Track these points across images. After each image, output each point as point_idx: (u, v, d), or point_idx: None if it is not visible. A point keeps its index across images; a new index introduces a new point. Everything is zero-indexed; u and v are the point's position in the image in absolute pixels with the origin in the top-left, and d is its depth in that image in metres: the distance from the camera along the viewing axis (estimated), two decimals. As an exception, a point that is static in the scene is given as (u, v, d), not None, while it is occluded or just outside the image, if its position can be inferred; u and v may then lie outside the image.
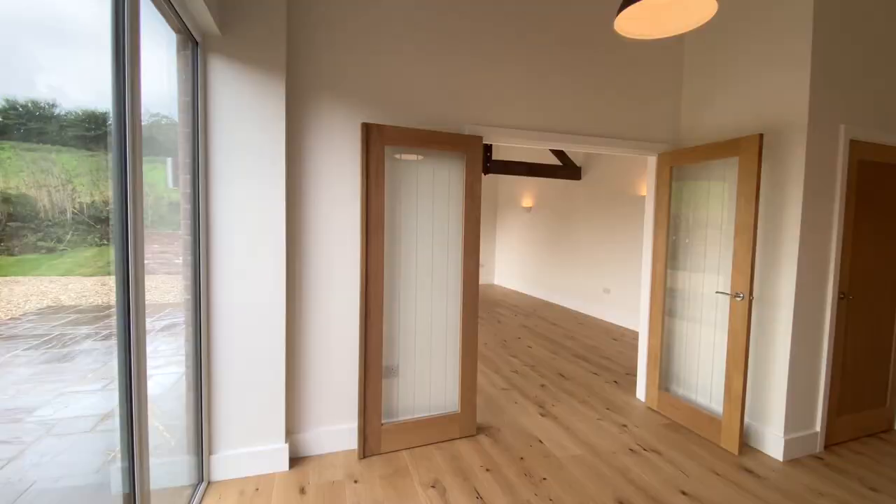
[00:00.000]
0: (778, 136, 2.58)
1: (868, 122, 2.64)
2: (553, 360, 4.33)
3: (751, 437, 2.71)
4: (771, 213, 2.62)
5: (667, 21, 1.43)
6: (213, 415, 2.19)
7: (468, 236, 2.61)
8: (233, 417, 2.22)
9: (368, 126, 2.31)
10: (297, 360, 2.41)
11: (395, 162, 2.48)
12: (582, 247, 6.89)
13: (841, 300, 2.65)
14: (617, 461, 2.49)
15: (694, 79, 3.15)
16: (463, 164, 2.59)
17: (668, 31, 1.45)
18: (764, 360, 2.66)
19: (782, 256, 2.56)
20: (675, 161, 3.05)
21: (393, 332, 2.54)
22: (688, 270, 3.07)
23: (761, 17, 2.67)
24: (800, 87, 2.47)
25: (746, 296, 2.51)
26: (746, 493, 2.21)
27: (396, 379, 2.57)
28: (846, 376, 2.74)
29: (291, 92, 2.29)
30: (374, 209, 2.36)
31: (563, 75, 2.87)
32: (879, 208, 2.75)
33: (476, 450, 2.57)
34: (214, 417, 2.20)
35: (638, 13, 1.41)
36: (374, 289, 2.40)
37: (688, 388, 3.06)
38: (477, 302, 2.67)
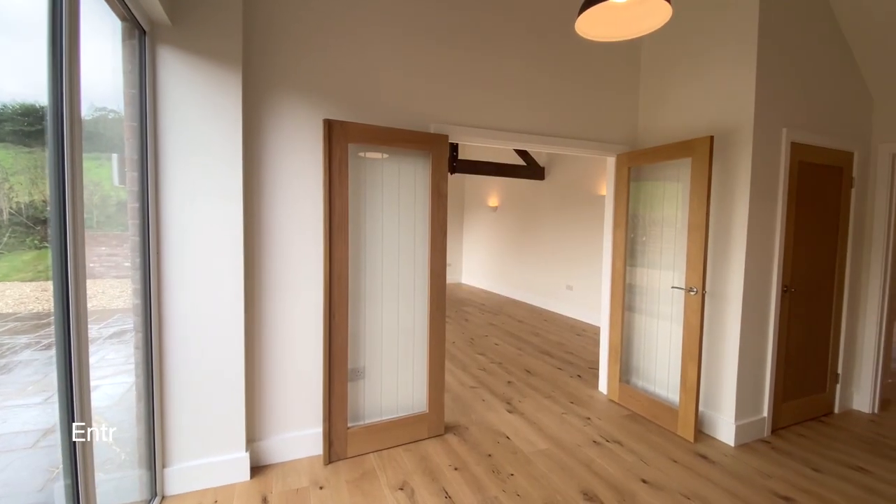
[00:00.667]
0: (727, 138, 2.72)
1: (806, 126, 2.83)
2: (519, 357, 4.40)
3: (705, 424, 2.85)
4: (721, 211, 2.77)
5: (625, 24, 1.47)
6: (167, 425, 2.08)
7: (435, 235, 2.60)
8: (188, 427, 2.11)
9: (331, 123, 2.26)
10: (257, 365, 2.32)
11: (359, 160, 2.44)
12: (546, 245, 7.04)
13: (784, 293, 2.84)
14: (581, 454, 2.56)
15: (650, 82, 3.28)
16: (429, 163, 2.58)
17: (626, 34, 1.50)
18: (716, 351, 2.80)
19: (732, 253, 2.71)
20: (633, 162, 3.17)
21: (359, 333, 2.50)
22: (645, 267, 3.19)
23: (711, 26, 2.82)
24: (746, 93, 2.61)
25: (699, 290, 2.64)
26: (701, 478, 2.32)
27: (363, 381, 2.52)
28: (790, 364, 2.93)
29: (249, 86, 2.20)
30: (337, 208, 2.30)
31: (526, 77, 2.91)
32: (815, 207, 2.95)
33: (444, 449, 2.57)
34: (168, 428, 2.08)
35: (598, 15, 1.45)
36: (339, 290, 2.34)
37: (647, 380, 3.18)
38: (444, 301, 2.66)
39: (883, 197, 3.12)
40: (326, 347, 2.33)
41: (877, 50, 2.93)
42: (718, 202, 2.78)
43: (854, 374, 3.27)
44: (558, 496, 2.15)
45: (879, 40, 2.88)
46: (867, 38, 2.91)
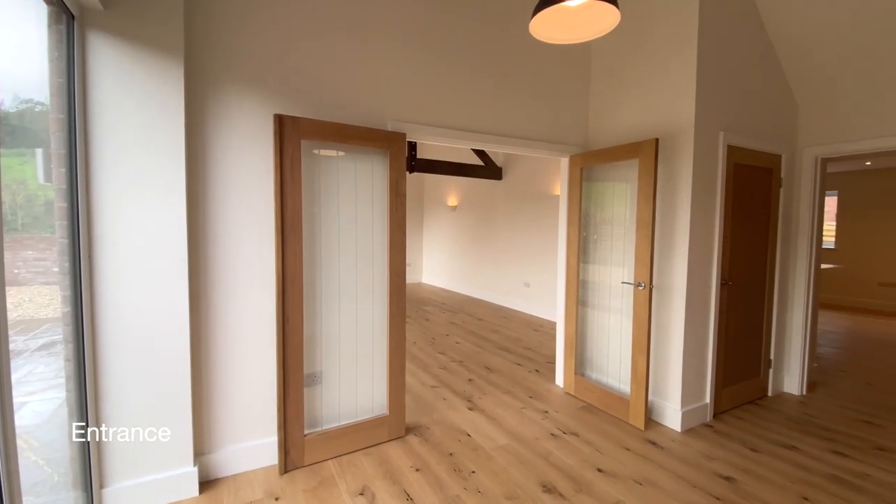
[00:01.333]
0: (671, 140, 2.87)
1: (740, 130, 3.04)
2: (479, 354, 4.44)
3: (654, 412, 3.00)
4: (666, 210, 2.92)
5: (576, 27, 1.51)
6: (104, 443, 1.92)
7: (394, 235, 2.57)
8: (127, 444, 1.96)
9: (282, 118, 2.17)
10: (205, 374, 2.20)
11: (313, 157, 2.37)
12: (504, 243, 7.16)
13: (723, 286, 3.04)
14: (540, 447, 2.62)
15: (600, 85, 3.41)
16: (387, 161, 2.55)
17: (577, 37, 1.54)
18: (663, 342, 2.95)
19: (676, 249, 2.86)
20: (585, 162, 3.28)
21: (315, 337, 2.42)
22: (597, 264, 3.32)
23: (656, 35, 2.96)
24: (687, 99, 2.77)
25: (647, 285, 2.77)
26: (652, 464, 2.44)
27: (319, 386, 2.45)
28: (728, 353, 3.14)
29: (193, 77, 2.08)
30: (290, 207, 2.22)
31: (483, 77, 2.94)
32: (749, 205, 3.18)
33: (405, 451, 2.55)
34: (105, 445, 1.93)
35: (551, 18, 1.48)
36: (293, 292, 2.26)
37: (600, 372, 3.31)
38: (404, 301, 2.64)
39: (807, 196, 3.41)
40: (280, 353, 2.25)
41: (800, 62, 3.20)
42: (663, 201, 2.93)
43: (784, 360, 3.55)
44: (518, 490, 2.19)
45: (803, 54, 3.14)
46: (792, 52, 3.16)
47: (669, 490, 2.20)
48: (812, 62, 3.16)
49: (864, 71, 3.01)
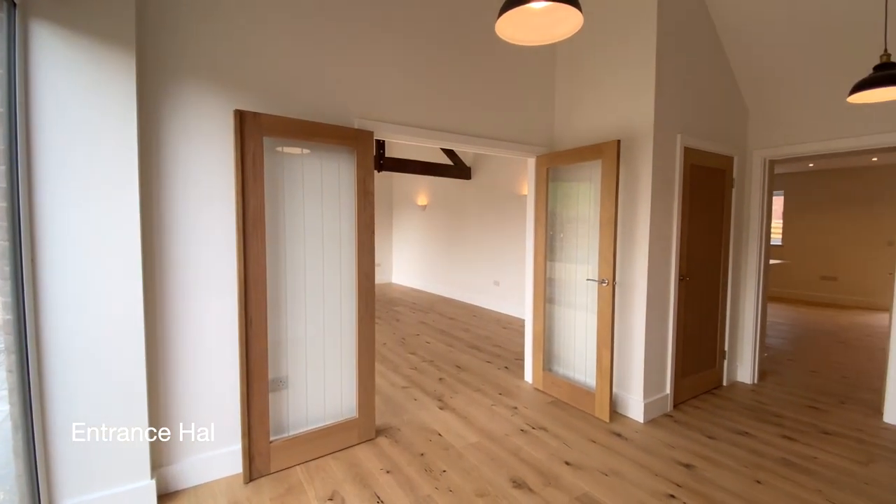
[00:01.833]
0: (632, 142, 2.98)
1: (696, 133, 3.18)
2: (450, 353, 4.45)
3: (618, 404, 3.10)
4: (628, 209, 3.02)
5: (541, 29, 1.54)
6: (52, 457, 1.80)
7: (362, 234, 2.54)
8: (79, 457, 1.85)
9: (242, 114, 2.11)
10: (163, 382, 2.10)
11: (276, 155, 2.30)
12: (474, 243, 7.21)
13: (681, 281, 3.17)
14: (510, 443, 2.65)
15: (564, 87, 3.49)
16: (354, 160, 2.51)
17: (542, 39, 1.57)
18: (626, 336, 3.06)
19: (637, 246, 2.97)
20: (551, 163, 3.35)
21: (280, 340, 2.36)
22: (564, 261, 3.40)
23: (617, 40, 3.06)
24: (647, 103, 2.88)
25: (610, 281, 2.86)
26: (616, 455, 2.52)
27: (286, 391, 2.39)
28: (686, 344, 3.29)
29: (147, 72, 1.98)
30: (252, 206, 2.16)
31: (452, 77, 2.95)
32: (704, 204, 3.34)
33: (376, 453, 2.52)
34: (54, 460, 1.80)
35: (516, 19, 1.50)
36: (256, 294, 2.20)
37: (567, 367, 3.39)
38: (373, 302, 2.61)
39: (756, 196, 3.62)
40: (243, 357, 2.18)
41: (750, 69, 3.39)
42: (625, 201, 3.03)
43: (738, 351, 3.75)
44: (489, 487, 2.21)
45: (752, 62, 3.32)
46: (743, 59, 3.35)
47: (633, 479, 2.28)
48: (760, 69, 3.35)
49: (805, 79, 3.22)
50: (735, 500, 2.11)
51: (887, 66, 1.97)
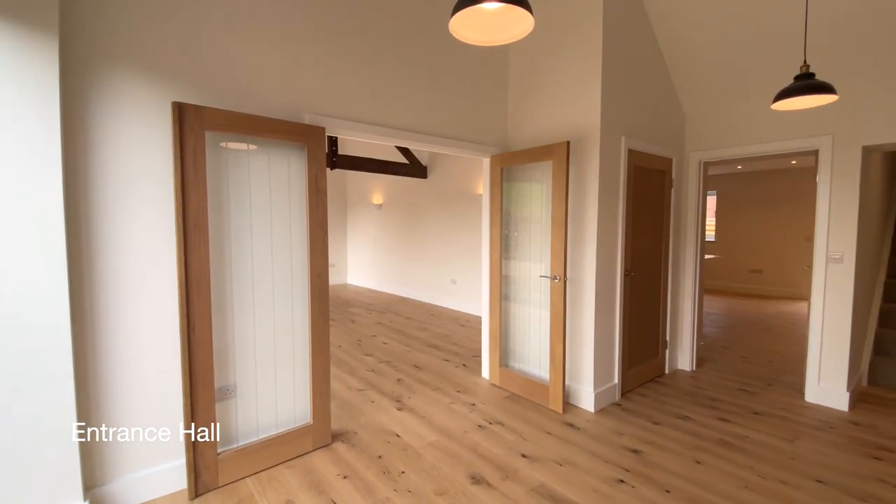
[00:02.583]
0: (580, 144, 3.09)
1: (639, 136, 3.35)
2: (408, 353, 4.42)
3: (571, 395, 3.21)
4: (577, 208, 3.13)
5: (493, 30, 1.56)
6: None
7: (314, 234, 2.45)
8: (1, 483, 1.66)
9: (182, 106, 1.97)
10: (95, 395, 1.93)
11: (220, 151, 2.18)
12: (431, 241, 7.21)
13: (626, 276, 3.34)
14: (468, 439, 2.67)
15: (517, 88, 3.56)
16: (304, 156, 2.42)
17: (495, 39, 1.59)
18: (577, 329, 3.17)
19: (586, 243, 3.09)
20: (504, 163, 3.41)
21: (226, 346, 2.24)
22: (518, 259, 3.47)
23: (566, 45, 3.16)
24: (594, 106, 2.99)
25: (562, 278, 2.96)
26: (570, 444, 2.61)
27: (234, 400, 2.27)
28: (632, 336, 3.46)
29: (73, 59, 1.80)
30: (193, 205, 2.02)
31: (407, 75, 2.92)
32: (646, 203, 3.53)
33: (332, 459, 2.46)
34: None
35: (469, 18, 1.50)
36: (199, 299, 2.07)
37: (522, 362, 3.47)
38: (327, 304, 2.54)
39: (693, 195, 3.87)
40: (186, 366, 2.04)
41: (686, 77, 3.61)
42: (575, 200, 3.14)
43: (678, 340, 4.00)
44: (448, 484, 2.22)
45: (687, 69, 3.55)
46: (679, 67, 3.56)
47: (586, 467, 2.37)
48: (695, 78, 3.59)
49: (734, 87, 3.48)
50: (678, 481, 2.25)
51: (806, 77, 2.17)
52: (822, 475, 2.31)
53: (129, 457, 2.02)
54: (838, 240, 3.13)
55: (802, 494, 2.14)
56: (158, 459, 2.09)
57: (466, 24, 1.52)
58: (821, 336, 3.22)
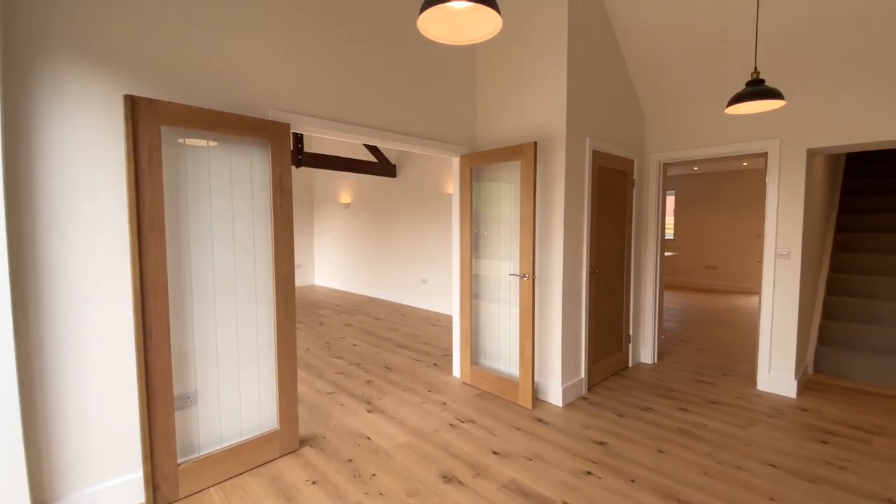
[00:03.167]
0: (548, 144, 3.14)
1: (602, 137, 3.45)
2: (378, 354, 4.38)
3: (540, 391, 3.27)
4: (544, 207, 3.19)
5: (461, 29, 1.56)
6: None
7: (279, 234, 2.38)
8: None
9: (135, 100, 1.87)
10: (42, 408, 1.80)
11: (178, 147, 2.08)
12: (401, 241, 7.16)
13: (591, 274, 3.43)
14: (439, 439, 2.67)
15: (485, 88, 3.58)
16: (268, 154, 2.35)
17: (463, 38, 1.59)
18: (545, 326, 3.23)
19: (553, 242, 3.15)
20: (474, 163, 3.42)
21: (186, 352, 2.14)
22: (488, 258, 3.50)
23: (533, 46, 3.21)
24: (560, 108, 3.06)
25: (530, 276, 3.00)
26: (539, 439, 2.66)
27: (195, 408, 2.17)
28: (597, 331, 3.56)
29: (14, 48, 1.67)
30: (148, 204, 1.92)
31: (375, 72, 2.88)
32: (610, 203, 3.64)
33: (300, 464, 2.40)
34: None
35: (437, 17, 1.50)
36: (156, 303, 1.97)
37: (493, 360, 3.50)
38: (293, 306, 2.47)
39: (653, 195, 4.02)
40: (142, 374, 1.94)
41: (647, 81, 3.74)
42: (542, 199, 3.20)
43: (640, 334, 4.14)
44: (420, 485, 2.21)
45: (648, 75, 3.68)
46: (640, 71, 3.69)
47: (555, 461, 2.42)
48: (655, 82, 3.72)
49: (691, 92, 3.64)
50: (642, 471, 2.33)
51: (756, 83, 2.29)
52: (775, 459, 2.45)
53: (82, 471, 1.90)
54: (786, 237, 3.33)
55: (756, 478, 2.27)
56: (114, 472, 1.98)
57: (435, 21, 1.51)
58: (771, 328, 3.42)
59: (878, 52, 2.80)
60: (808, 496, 2.12)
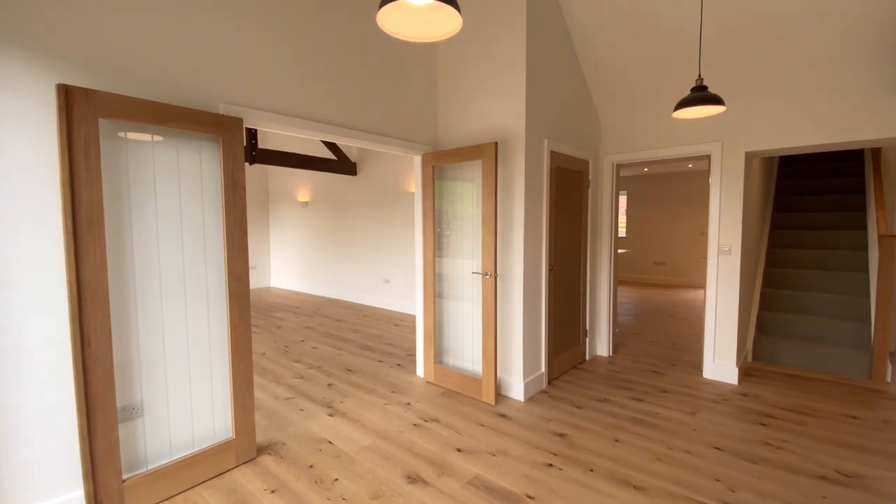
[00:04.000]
0: (508, 144, 3.19)
1: (559, 139, 3.55)
2: (339, 357, 4.29)
3: (503, 387, 3.32)
4: (505, 206, 3.24)
5: (421, 26, 1.55)
6: None
7: (231, 234, 2.28)
8: None
9: (70, 90, 1.72)
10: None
11: (118, 142, 1.94)
12: (362, 241, 7.05)
13: (550, 271, 3.52)
14: (403, 439, 2.65)
15: (446, 87, 3.59)
16: (219, 149, 2.24)
17: (423, 36, 1.58)
18: (507, 323, 3.29)
19: (514, 240, 3.20)
20: (436, 162, 3.42)
21: (130, 360, 2.00)
22: (451, 257, 3.51)
23: (492, 48, 3.24)
24: (519, 109, 3.11)
25: (492, 273, 3.04)
26: (502, 434, 2.70)
27: (141, 419, 2.04)
28: (556, 327, 3.66)
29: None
30: (85, 202, 1.78)
31: (334, 67, 2.81)
32: (567, 202, 3.75)
33: (258, 473, 2.30)
34: None
35: (396, 12, 1.48)
36: (95, 308, 1.82)
37: (457, 358, 3.52)
38: (248, 308, 2.37)
39: (607, 195, 4.18)
40: (81, 385, 1.79)
41: (600, 86, 3.88)
42: (503, 199, 3.25)
43: (596, 328, 4.30)
44: (384, 487, 2.18)
45: (602, 79, 3.82)
46: (594, 76, 3.82)
47: (517, 455, 2.47)
48: (608, 86, 3.87)
49: (641, 96, 3.81)
50: (600, 460, 2.42)
51: (700, 89, 2.43)
52: (720, 443, 2.62)
53: (18, 491, 1.73)
54: (727, 234, 3.56)
55: (704, 461, 2.41)
56: (53, 492, 1.82)
57: (394, 18, 1.49)
58: (715, 319, 3.64)
59: (807, 61, 3.04)
60: (750, 476, 2.28)
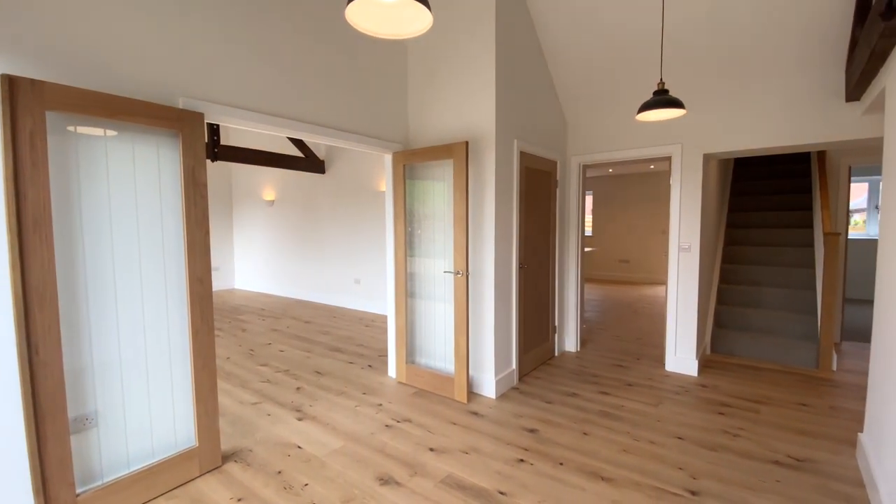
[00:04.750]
0: (479, 143, 3.21)
1: (529, 140, 3.60)
2: (308, 359, 4.20)
3: (475, 385, 3.34)
4: (476, 205, 3.26)
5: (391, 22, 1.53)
6: None
7: (192, 234, 2.18)
8: None
9: (13, 80, 1.60)
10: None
11: (68, 136, 1.82)
12: (331, 240, 6.92)
13: (521, 269, 3.57)
14: (375, 441, 2.62)
15: (417, 86, 3.57)
16: (178, 145, 2.14)
17: (392, 33, 1.56)
18: (479, 321, 3.31)
19: (485, 239, 3.23)
20: (407, 160, 3.40)
21: (83, 367, 1.89)
22: (423, 256, 3.50)
23: (462, 48, 3.26)
24: (489, 109, 3.14)
25: (464, 272, 3.06)
26: (474, 432, 2.72)
27: (95, 430, 1.93)
28: (526, 324, 3.72)
29: None
30: (32, 200, 1.66)
31: (302, 61, 2.74)
32: (536, 202, 3.81)
33: (223, 482, 2.22)
34: None
35: (366, 8, 1.46)
36: (43, 313, 1.71)
37: (429, 357, 3.51)
38: (211, 311, 2.28)
39: (574, 195, 4.28)
40: (28, 395, 1.67)
41: (567, 89, 3.97)
42: (474, 198, 3.27)
43: (564, 325, 4.40)
44: (355, 489, 2.15)
45: (568, 83, 3.90)
46: (562, 80, 3.90)
47: (489, 452, 2.49)
48: (575, 90, 3.96)
49: (607, 99, 3.92)
50: (569, 453, 2.48)
51: (661, 93, 2.52)
52: (682, 432, 2.73)
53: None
54: (687, 232, 3.72)
55: (667, 451, 2.51)
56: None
57: (363, 13, 1.47)
58: (676, 314, 3.80)
59: (761, 70, 3.22)
60: (710, 463, 2.39)
